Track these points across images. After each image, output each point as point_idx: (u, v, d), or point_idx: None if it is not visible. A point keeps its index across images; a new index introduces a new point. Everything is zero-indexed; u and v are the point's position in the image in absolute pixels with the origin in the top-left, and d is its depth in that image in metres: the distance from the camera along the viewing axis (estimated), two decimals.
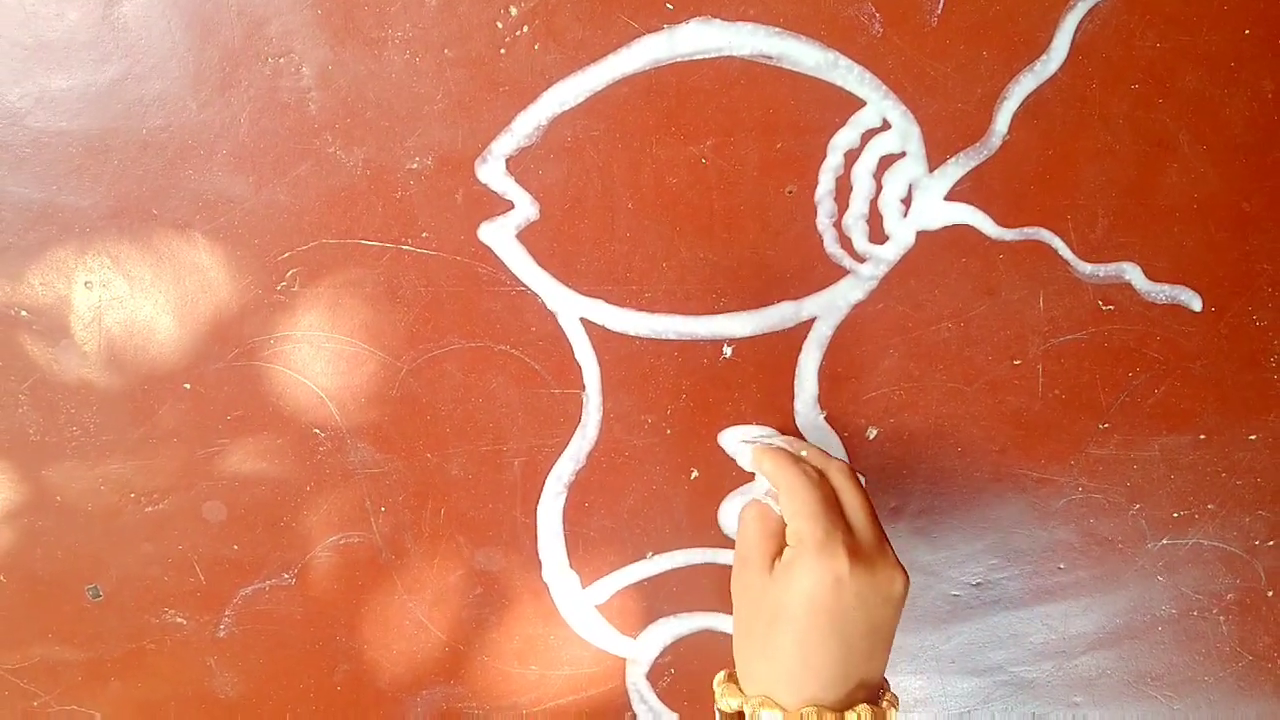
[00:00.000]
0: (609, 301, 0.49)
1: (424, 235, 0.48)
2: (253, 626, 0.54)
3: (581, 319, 0.50)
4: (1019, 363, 0.51)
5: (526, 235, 0.48)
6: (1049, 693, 0.57)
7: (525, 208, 0.48)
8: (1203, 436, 0.53)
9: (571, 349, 0.50)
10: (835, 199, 0.48)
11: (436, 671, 0.55)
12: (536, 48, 0.46)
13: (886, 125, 0.47)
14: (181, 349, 0.49)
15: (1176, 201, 0.49)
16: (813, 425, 0.51)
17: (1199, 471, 0.53)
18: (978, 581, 0.55)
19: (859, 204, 0.49)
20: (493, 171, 0.47)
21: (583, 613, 0.54)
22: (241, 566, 0.53)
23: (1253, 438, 0.53)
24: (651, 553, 0.54)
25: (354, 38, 0.45)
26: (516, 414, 0.51)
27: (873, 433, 0.52)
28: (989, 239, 0.49)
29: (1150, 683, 0.57)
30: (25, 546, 0.52)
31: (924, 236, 0.49)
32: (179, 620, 0.54)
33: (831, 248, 0.49)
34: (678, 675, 0.56)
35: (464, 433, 0.51)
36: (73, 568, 0.53)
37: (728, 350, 0.50)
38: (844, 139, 0.48)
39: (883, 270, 0.50)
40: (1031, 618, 0.56)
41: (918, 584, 0.55)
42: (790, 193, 0.48)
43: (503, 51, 0.46)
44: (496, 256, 0.49)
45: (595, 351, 0.50)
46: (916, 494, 0.53)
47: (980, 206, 0.49)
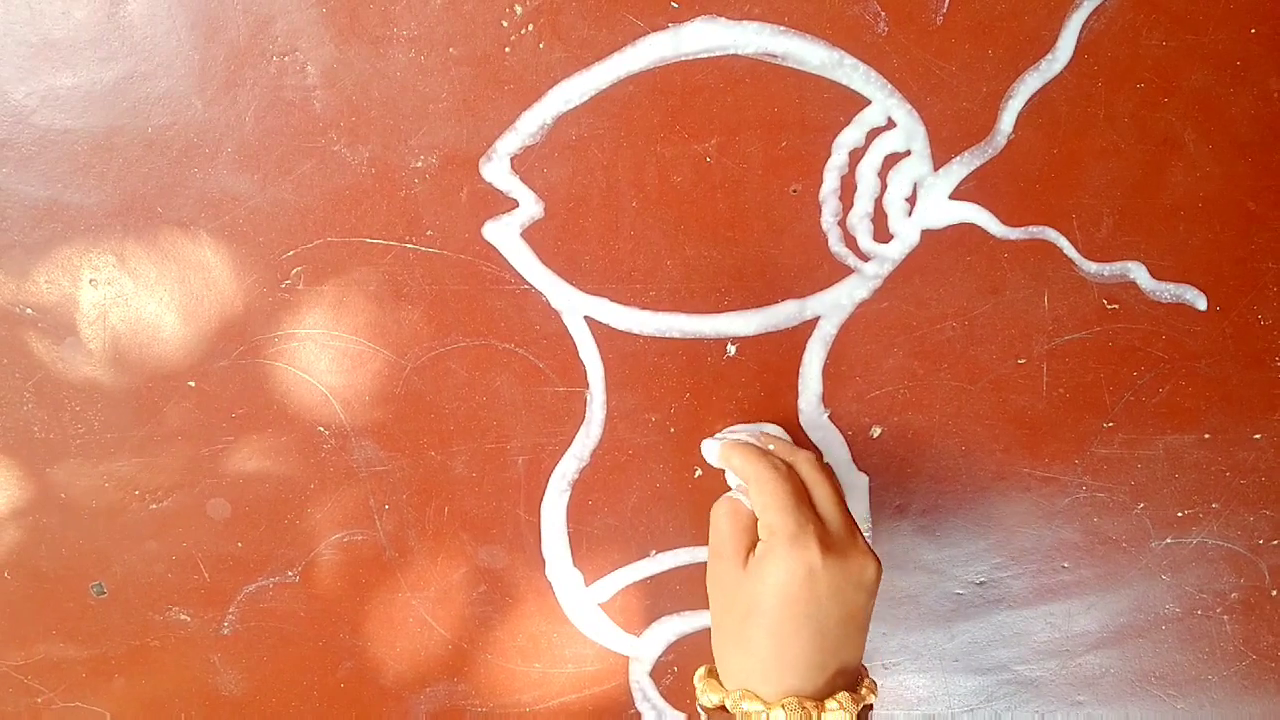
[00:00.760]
0: (613, 300, 0.49)
1: (429, 233, 0.48)
2: (257, 624, 0.54)
3: (586, 317, 0.50)
4: (1023, 361, 0.51)
5: (531, 234, 0.48)
6: (1052, 691, 0.57)
7: (530, 206, 0.48)
8: (1207, 435, 0.53)
9: (576, 347, 0.50)
10: (840, 198, 0.48)
11: (440, 669, 0.55)
12: (541, 46, 0.46)
13: (891, 124, 0.47)
14: (186, 347, 0.50)
15: (1182, 200, 0.49)
16: (817, 424, 0.52)
17: (1203, 470, 0.53)
18: (982, 580, 0.55)
19: (864, 203, 0.49)
20: (497, 170, 0.47)
21: (586, 610, 0.54)
22: (246, 564, 0.53)
23: (1257, 437, 0.53)
24: (655, 551, 0.54)
25: (359, 36, 0.45)
26: (520, 412, 0.51)
27: (877, 431, 0.52)
28: (994, 238, 0.49)
29: (1154, 682, 0.57)
30: (30, 544, 0.52)
31: (929, 235, 0.49)
32: (183, 617, 0.54)
33: (836, 246, 0.49)
34: (681, 673, 0.56)
35: (468, 431, 0.51)
36: (77, 565, 0.53)
37: (732, 349, 0.50)
38: (849, 138, 0.48)
39: (887, 269, 0.50)
40: (1035, 616, 0.56)
41: (922, 582, 0.55)
42: (795, 191, 0.48)
43: (508, 50, 0.46)
44: (501, 255, 0.49)
45: (599, 350, 0.50)
46: (920, 492, 0.53)
47: (985, 205, 0.49)
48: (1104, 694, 0.57)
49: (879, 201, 0.49)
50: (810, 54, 0.46)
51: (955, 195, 0.49)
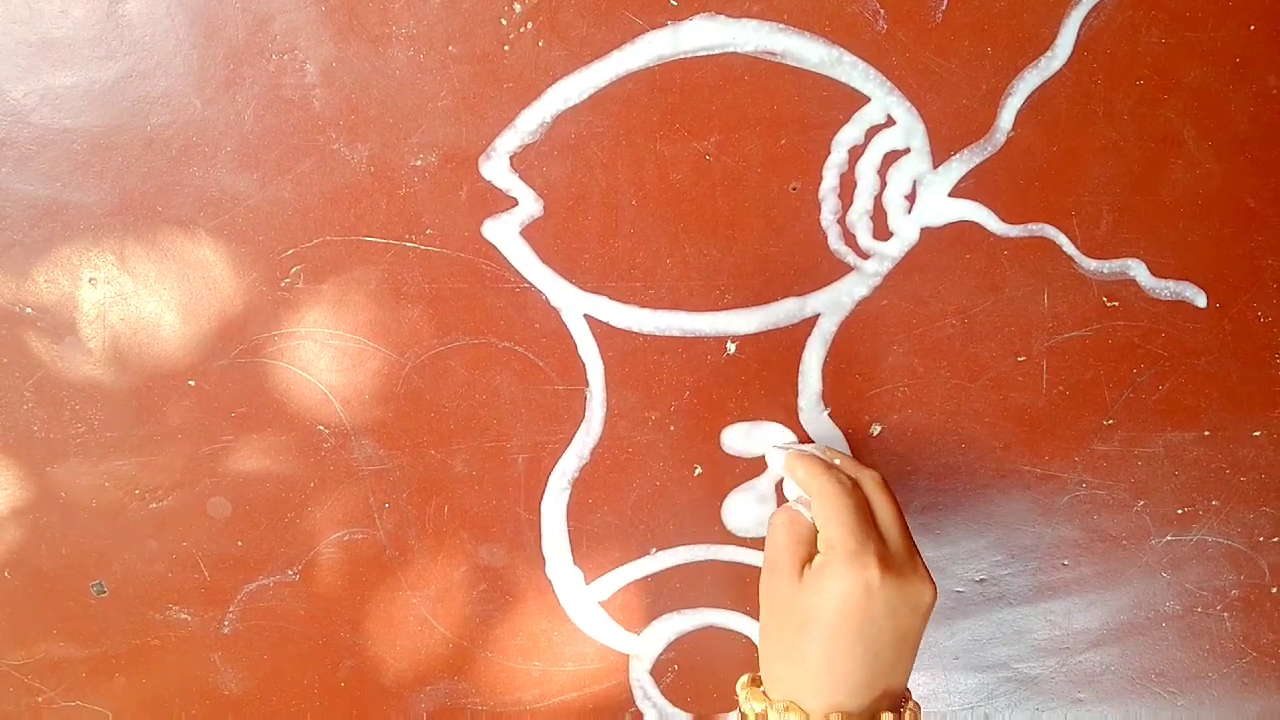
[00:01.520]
0: (613, 298, 0.49)
1: (428, 232, 0.48)
2: (257, 623, 0.54)
3: (585, 315, 0.50)
4: (1023, 359, 0.51)
5: (530, 232, 0.48)
6: (1052, 689, 0.57)
7: (529, 204, 0.48)
8: (1207, 433, 0.53)
9: (575, 345, 0.50)
10: (839, 195, 0.48)
11: (440, 667, 0.55)
12: (540, 44, 0.46)
13: (891, 121, 0.47)
14: (186, 346, 0.50)
15: (1181, 198, 0.49)
16: (817, 422, 0.52)
17: (1203, 468, 0.53)
18: (981, 578, 0.55)
19: (863, 200, 0.49)
20: (497, 168, 0.47)
21: (586, 609, 0.54)
22: (246, 563, 0.53)
23: (1257, 434, 0.53)
24: (655, 549, 0.54)
25: (358, 34, 0.45)
26: (520, 410, 0.51)
27: (877, 429, 0.52)
28: (993, 235, 0.49)
29: (1154, 679, 0.57)
30: (30, 543, 0.52)
31: (928, 233, 0.49)
32: (183, 616, 0.54)
33: (835, 244, 0.49)
34: (681, 671, 0.56)
35: (468, 429, 0.51)
36: (77, 564, 0.53)
37: (731, 347, 0.50)
38: (848, 135, 0.48)
39: (887, 267, 0.50)
40: (1035, 614, 0.56)
41: None
42: (794, 189, 0.48)
43: (507, 48, 0.46)
44: (500, 253, 0.49)
45: (599, 348, 0.50)
46: (920, 490, 0.53)
47: (985, 203, 0.49)
48: (1104, 691, 0.57)
49: (878, 199, 0.49)
50: (809, 51, 0.46)
51: (954, 193, 0.49)
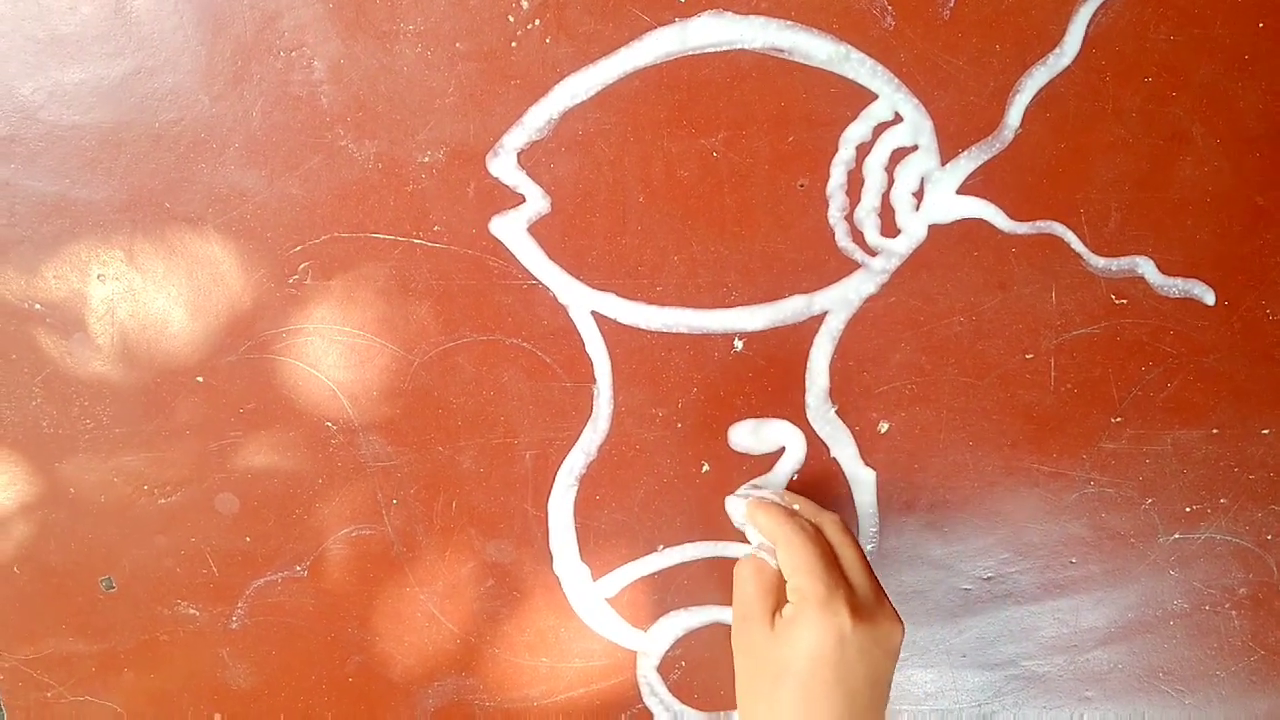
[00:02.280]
0: (620, 295, 0.50)
1: (436, 229, 0.48)
2: (265, 618, 0.54)
3: (593, 312, 0.50)
4: (1031, 357, 0.51)
5: (538, 229, 0.48)
6: (1060, 687, 0.57)
7: (536, 201, 0.48)
8: (1215, 431, 0.52)
9: (583, 342, 0.50)
10: (847, 192, 0.48)
11: (448, 663, 0.55)
12: (548, 41, 0.46)
13: (898, 119, 0.47)
14: (194, 342, 0.50)
15: (1190, 195, 0.49)
16: (824, 419, 0.51)
17: (1211, 466, 0.53)
18: (989, 575, 0.55)
19: (870, 197, 0.48)
20: (504, 165, 0.47)
21: (593, 605, 0.54)
22: (254, 559, 0.53)
23: (1265, 432, 0.52)
24: (662, 546, 0.54)
25: (366, 31, 0.45)
26: (528, 407, 0.51)
27: (884, 426, 0.52)
28: (1001, 233, 0.49)
29: (1162, 677, 0.57)
30: (39, 539, 0.52)
31: (936, 230, 0.49)
32: (192, 612, 0.54)
33: (843, 241, 0.49)
34: (688, 668, 0.56)
35: (475, 426, 0.51)
36: (86, 560, 0.53)
37: (739, 344, 0.50)
38: (855, 132, 0.47)
39: (894, 264, 0.50)
40: (1043, 612, 0.56)
41: (930, 577, 0.55)
42: (802, 186, 0.48)
43: (514, 45, 0.46)
44: (508, 250, 0.49)
45: (606, 345, 0.50)
46: (928, 488, 0.53)
47: (992, 200, 0.49)
48: (1112, 689, 0.57)
49: (886, 196, 0.49)
50: (817, 48, 0.46)
51: (962, 190, 0.48)
